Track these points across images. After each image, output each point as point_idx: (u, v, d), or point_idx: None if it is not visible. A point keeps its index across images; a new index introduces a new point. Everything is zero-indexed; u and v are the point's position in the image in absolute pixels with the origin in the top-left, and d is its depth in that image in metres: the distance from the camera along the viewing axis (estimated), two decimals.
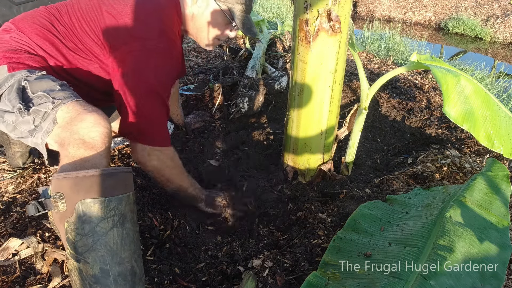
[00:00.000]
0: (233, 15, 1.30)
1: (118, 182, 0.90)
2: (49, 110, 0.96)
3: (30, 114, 0.97)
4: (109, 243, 0.87)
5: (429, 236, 1.03)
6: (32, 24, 1.15)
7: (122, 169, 0.92)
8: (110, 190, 0.88)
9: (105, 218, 0.87)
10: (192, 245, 1.25)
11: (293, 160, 1.59)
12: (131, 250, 0.90)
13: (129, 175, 0.95)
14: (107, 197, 0.87)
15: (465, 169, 1.56)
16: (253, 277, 1.03)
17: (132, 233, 0.92)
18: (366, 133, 2.11)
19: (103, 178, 0.88)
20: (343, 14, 1.23)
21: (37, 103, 0.98)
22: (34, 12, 1.20)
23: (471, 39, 6.23)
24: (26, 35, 1.13)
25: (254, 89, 2.15)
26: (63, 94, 1.00)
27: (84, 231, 0.86)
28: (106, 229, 0.87)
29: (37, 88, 1.00)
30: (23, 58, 1.08)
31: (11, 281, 1.03)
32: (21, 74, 1.02)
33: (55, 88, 1.01)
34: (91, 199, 0.85)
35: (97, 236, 0.86)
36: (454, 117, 1.16)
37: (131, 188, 0.94)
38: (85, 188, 0.86)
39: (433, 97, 2.44)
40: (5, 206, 1.32)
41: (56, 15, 1.18)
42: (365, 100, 1.48)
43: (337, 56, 1.30)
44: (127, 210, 0.91)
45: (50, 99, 0.98)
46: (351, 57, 3.14)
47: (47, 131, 0.96)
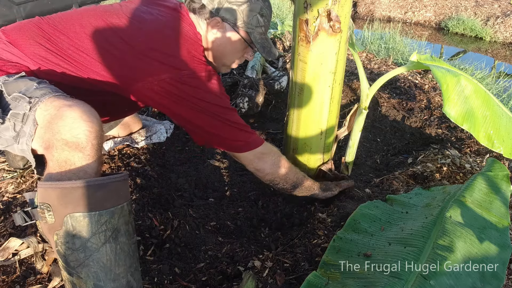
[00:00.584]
0: (253, 39, 1.20)
1: (110, 193, 0.83)
2: (27, 111, 0.87)
3: (9, 119, 0.88)
4: (102, 260, 0.81)
5: (429, 236, 1.03)
6: (23, 34, 1.07)
7: (114, 178, 0.84)
8: (101, 202, 0.81)
9: (96, 234, 0.80)
10: (192, 245, 1.25)
11: (293, 160, 1.59)
12: (126, 265, 0.85)
13: (122, 184, 0.86)
14: (97, 211, 0.80)
15: (465, 169, 1.56)
16: (253, 277, 1.03)
17: (127, 247, 0.85)
18: (366, 133, 2.11)
19: (92, 189, 0.80)
20: (343, 14, 1.23)
21: (14, 106, 0.89)
22: (24, 23, 1.11)
23: (471, 39, 6.22)
24: (14, 45, 1.05)
25: (254, 89, 2.15)
26: (40, 92, 0.90)
27: (75, 246, 0.80)
28: (98, 245, 0.80)
29: (13, 89, 0.91)
30: (7, 67, 1.01)
31: (11, 281, 1.03)
32: (0, 81, 0.94)
33: (31, 87, 0.91)
34: (80, 213, 0.79)
35: (89, 251, 0.80)
36: (454, 117, 1.16)
37: (125, 197, 0.87)
38: (73, 200, 0.79)
39: (433, 97, 2.44)
40: (5, 206, 1.32)
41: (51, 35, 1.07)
42: (365, 100, 1.48)
43: (337, 56, 1.30)
44: (120, 223, 0.84)
45: (26, 99, 0.88)
46: (351, 57, 3.14)
47: (30, 135, 0.88)
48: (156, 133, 1.78)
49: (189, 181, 1.61)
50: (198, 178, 1.65)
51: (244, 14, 1.15)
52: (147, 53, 1.05)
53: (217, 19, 1.15)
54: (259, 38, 1.21)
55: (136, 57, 1.06)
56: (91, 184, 0.80)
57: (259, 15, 1.17)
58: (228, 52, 1.23)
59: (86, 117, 0.85)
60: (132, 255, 0.87)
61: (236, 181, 1.68)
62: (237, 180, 1.69)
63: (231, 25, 1.17)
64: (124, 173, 0.88)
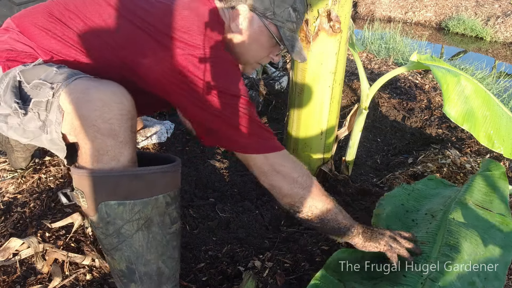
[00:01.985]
0: (282, 35, 1.04)
1: (145, 184, 0.81)
2: (50, 98, 0.81)
3: (32, 109, 0.82)
4: (134, 245, 0.83)
5: (435, 241, 1.03)
6: (33, 22, 0.98)
7: (150, 169, 0.81)
8: (135, 192, 0.80)
9: (130, 221, 0.81)
10: (192, 245, 1.25)
11: None
12: (157, 253, 0.86)
13: (160, 176, 0.83)
14: (132, 200, 0.80)
15: (466, 169, 1.56)
16: (253, 277, 1.03)
17: (160, 236, 0.86)
18: (367, 133, 2.11)
19: (127, 179, 0.79)
20: (343, 14, 1.23)
21: (36, 95, 0.83)
22: (35, 9, 1.02)
23: (471, 39, 6.22)
24: (26, 35, 0.97)
25: (255, 89, 2.15)
26: (61, 76, 0.84)
27: (109, 232, 0.82)
28: (131, 232, 0.82)
29: (32, 76, 0.85)
30: (21, 57, 0.94)
31: (12, 281, 1.03)
32: (15, 70, 0.87)
33: (51, 72, 0.85)
34: (115, 201, 0.79)
35: (122, 237, 0.82)
36: (454, 117, 1.16)
37: (162, 189, 0.84)
38: (107, 189, 0.79)
39: (434, 97, 2.44)
40: (6, 206, 1.32)
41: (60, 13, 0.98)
42: (365, 100, 1.48)
43: (337, 56, 1.30)
44: (154, 214, 0.83)
45: (48, 85, 0.82)
46: (351, 57, 3.14)
47: (58, 122, 0.81)
48: (156, 133, 1.79)
49: (189, 181, 1.61)
50: (198, 178, 1.65)
51: (275, 4, 1.00)
52: (160, 29, 0.93)
53: (244, 6, 1.01)
54: (289, 35, 1.05)
55: (148, 33, 0.93)
56: (125, 174, 0.79)
57: (292, 9, 1.02)
58: (253, 47, 1.08)
59: (116, 98, 0.78)
60: (165, 244, 0.87)
61: (237, 181, 1.68)
62: (238, 180, 1.69)
63: (259, 15, 1.01)
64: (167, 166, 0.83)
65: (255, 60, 1.13)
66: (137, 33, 0.94)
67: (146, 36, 0.93)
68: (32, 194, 1.39)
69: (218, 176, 1.71)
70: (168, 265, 0.90)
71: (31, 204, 1.32)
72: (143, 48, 0.94)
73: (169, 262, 0.90)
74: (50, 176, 1.49)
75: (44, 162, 1.56)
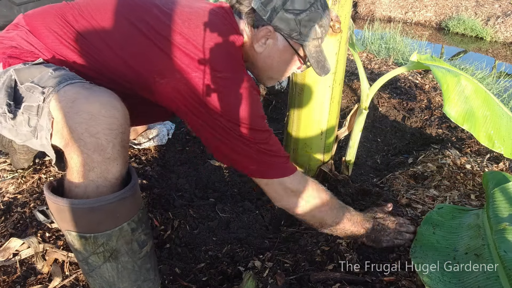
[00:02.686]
0: (307, 53, 1.02)
1: (105, 215, 0.74)
2: (41, 103, 0.76)
3: (23, 113, 0.78)
4: (104, 275, 0.78)
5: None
6: (44, 21, 0.94)
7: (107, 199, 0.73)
8: (96, 225, 0.73)
9: (95, 253, 0.75)
10: (193, 245, 1.25)
11: (294, 160, 1.59)
12: (131, 280, 0.82)
13: (120, 203, 0.75)
14: (92, 234, 0.73)
15: (466, 169, 1.56)
16: (253, 277, 1.03)
17: (130, 264, 0.80)
18: (367, 133, 2.11)
19: (86, 211, 0.72)
20: (343, 14, 1.23)
21: (28, 97, 0.78)
22: (48, 10, 0.97)
23: (471, 39, 6.22)
24: (34, 34, 0.93)
25: None
26: (54, 80, 0.78)
27: (78, 258, 0.78)
28: (98, 263, 0.76)
29: (26, 77, 0.80)
30: (24, 55, 0.90)
31: (12, 281, 1.03)
32: (13, 68, 0.83)
33: (46, 75, 0.80)
34: (75, 233, 0.73)
35: (91, 267, 0.77)
36: (455, 117, 1.16)
37: (125, 217, 0.77)
38: (68, 219, 0.73)
39: (434, 97, 2.44)
40: (6, 206, 1.32)
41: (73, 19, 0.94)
42: (365, 100, 1.48)
43: (337, 56, 1.30)
44: (120, 244, 0.77)
45: (39, 89, 0.77)
46: (351, 57, 3.14)
47: (48, 129, 0.77)
48: (158, 136, 1.79)
49: (190, 182, 1.61)
50: (199, 178, 1.65)
51: (301, 24, 0.96)
52: (177, 44, 0.90)
53: (269, 28, 0.97)
54: (314, 52, 1.03)
55: (164, 48, 0.90)
56: (83, 207, 0.72)
57: (318, 26, 0.99)
58: (277, 65, 1.06)
59: (105, 111, 0.73)
60: (138, 270, 0.82)
61: (237, 181, 1.68)
62: (238, 180, 1.69)
63: (284, 36, 0.99)
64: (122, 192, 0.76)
65: (279, 75, 1.11)
66: (153, 49, 0.91)
67: (160, 52, 0.90)
68: (32, 194, 1.39)
69: (218, 176, 1.71)
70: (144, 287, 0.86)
71: (31, 204, 1.33)
72: (158, 65, 0.91)
73: (145, 285, 0.86)
74: (50, 176, 1.50)
75: (44, 162, 1.56)
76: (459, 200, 1.37)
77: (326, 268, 1.09)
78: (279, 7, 0.95)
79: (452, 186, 1.47)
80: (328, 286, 1.02)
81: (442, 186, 1.46)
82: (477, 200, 1.37)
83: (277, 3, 0.95)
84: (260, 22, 0.98)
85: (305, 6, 0.95)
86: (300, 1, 0.95)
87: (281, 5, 0.95)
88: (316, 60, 1.04)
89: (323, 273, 1.07)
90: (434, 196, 1.40)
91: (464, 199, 1.38)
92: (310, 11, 0.96)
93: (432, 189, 1.45)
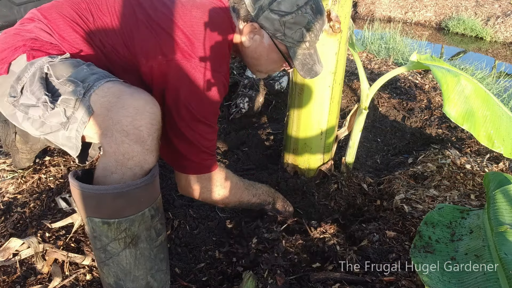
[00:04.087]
0: (291, 54, 1.04)
1: (130, 201, 0.78)
2: (80, 97, 0.81)
3: (60, 105, 0.82)
4: (122, 263, 0.81)
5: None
6: (60, 14, 0.97)
7: (135, 184, 0.78)
8: (120, 210, 0.77)
9: (116, 239, 0.78)
10: (192, 245, 1.25)
11: (294, 160, 1.59)
12: (146, 268, 0.85)
13: (143, 190, 0.80)
14: (116, 219, 0.77)
15: (466, 169, 1.56)
16: (253, 277, 1.03)
17: (147, 251, 0.84)
18: (367, 133, 2.11)
19: (111, 197, 0.76)
20: (343, 14, 1.23)
21: (65, 91, 0.82)
22: (61, 1, 1.01)
23: (471, 39, 6.22)
24: (51, 26, 0.96)
25: (254, 89, 2.15)
26: (93, 77, 0.84)
27: (96, 246, 0.80)
28: (117, 250, 0.79)
29: (62, 72, 0.84)
30: (46, 47, 0.92)
31: (12, 281, 1.03)
32: (42, 61, 0.86)
33: (82, 70, 0.85)
34: (99, 219, 0.77)
35: (109, 254, 0.80)
36: (454, 117, 1.16)
37: (147, 203, 0.82)
38: (92, 206, 0.77)
39: (434, 97, 2.44)
40: (6, 206, 1.32)
41: (89, 7, 1.00)
42: (365, 100, 1.48)
43: (337, 56, 1.30)
44: (141, 230, 0.81)
45: (79, 84, 0.82)
46: (351, 57, 3.14)
47: (83, 121, 0.81)
48: None
49: None
50: None
51: (285, 26, 0.99)
52: (166, 29, 0.95)
53: (255, 25, 1.01)
54: (300, 54, 1.05)
55: (154, 31, 0.96)
56: (109, 193, 0.76)
57: (305, 29, 1.00)
58: (263, 60, 1.10)
59: (149, 108, 0.81)
60: (153, 258, 0.86)
61: None
62: None
63: (270, 35, 1.02)
64: (147, 178, 0.81)
65: (267, 70, 1.15)
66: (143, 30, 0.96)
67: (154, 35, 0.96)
68: (32, 194, 1.39)
69: None
70: (156, 279, 0.88)
71: (31, 204, 1.33)
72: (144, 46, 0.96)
73: (157, 276, 0.88)
74: (50, 176, 1.49)
75: (44, 162, 1.56)
76: (459, 200, 1.37)
77: (326, 268, 1.10)
78: (265, 6, 0.98)
79: (452, 186, 1.47)
80: (328, 286, 1.02)
81: (442, 186, 1.46)
82: (477, 200, 1.37)
83: (264, 2, 0.98)
84: (249, 17, 1.02)
85: (291, 8, 0.97)
86: (287, 3, 0.97)
87: (267, 4, 0.98)
88: (301, 63, 1.06)
89: (323, 273, 1.07)
90: (434, 196, 1.40)
91: (464, 199, 1.38)
92: (296, 14, 0.98)
93: (432, 189, 1.45)
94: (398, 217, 1.30)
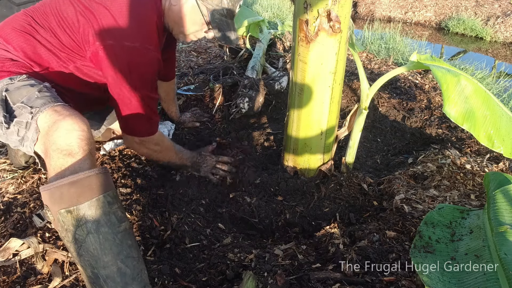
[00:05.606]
0: (211, 17, 1.24)
1: (83, 188, 0.89)
2: (29, 120, 0.98)
3: (14, 125, 1.00)
4: (90, 249, 0.88)
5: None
6: (13, 29, 1.15)
7: (84, 173, 0.90)
8: (76, 198, 0.88)
9: (79, 226, 0.88)
10: (192, 242, 1.25)
11: (294, 160, 1.59)
12: (113, 253, 0.90)
13: (95, 178, 0.91)
14: (75, 206, 0.87)
15: (466, 169, 1.56)
16: (253, 277, 1.03)
17: (110, 236, 0.90)
18: (367, 133, 2.11)
19: (67, 187, 0.88)
20: (343, 14, 1.23)
21: (18, 114, 1.00)
22: (14, 17, 1.20)
23: (471, 39, 6.22)
24: (8, 42, 1.13)
25: (255, 89, 2.15)
26: (40, 101, 1.01)
27: (69, 239, 0.89)
28: (83, 236, 0.88)
29: (16, 97, 1.02)
30: (7, 66, 1.09)
31: (12, 281, 1.03)
32: (3, 84, 1.04)
33: (33, 96, 1.03)
34: (64, 209, 0.87)
35: (79, 243, 0.88)
36: (454, 117, 1.16)
37: (100, 190, 0.92)
38: (57, 199, 0.88)
39: (434, 97, 2.44)
40: (6, 206, 1.32)
41: (34, 16, 1.18)
42: (365, 100, 1.48)
43: (337, 56, 1.30)
44: (99, 214, 0.90)
45: (28, 109, 1.00)
46: (351, 57, 3.14)
47: (33, 140, 0.99)
48: None
49: (190, 182, 1.61)
50: (199, 178, 1.65)
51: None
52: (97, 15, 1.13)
53: None
54: (218, 19, 1.24)
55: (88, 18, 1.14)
56: (64, 183, 0.88)
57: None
58: (185, 21, 1.27)
59: (77, 127, 0.95)
60: (119, 243, 0.92)
61: None
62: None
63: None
64: (98, 168, 0.94)
65: (190, 32, 1.32)
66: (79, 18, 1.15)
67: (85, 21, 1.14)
68: (32, 194, 1.39)
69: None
70: (128, 265, 0.92)
71: (31, 204, 1.33)
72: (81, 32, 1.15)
73: (129, 262, 0.92)
74: None
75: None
76: (459, 200, 1.37)
77: (326, 268, 1.10)
78: None
79: (452, 186, 1.47)
80: (328, 286, 1.02)
81: (442, 186, 1.46)
82: (477, 200, 1.37)
83: None
84: None
85: None
86: None
87: None
88: (217, 27, 1.25)
89: (323, 273, 1.07)
90: (434, 196, 1.40)
91: (464, 199, 1.38)
92: None
93: (432, 189, 1.45)
94: (398, 217, 1.30)
